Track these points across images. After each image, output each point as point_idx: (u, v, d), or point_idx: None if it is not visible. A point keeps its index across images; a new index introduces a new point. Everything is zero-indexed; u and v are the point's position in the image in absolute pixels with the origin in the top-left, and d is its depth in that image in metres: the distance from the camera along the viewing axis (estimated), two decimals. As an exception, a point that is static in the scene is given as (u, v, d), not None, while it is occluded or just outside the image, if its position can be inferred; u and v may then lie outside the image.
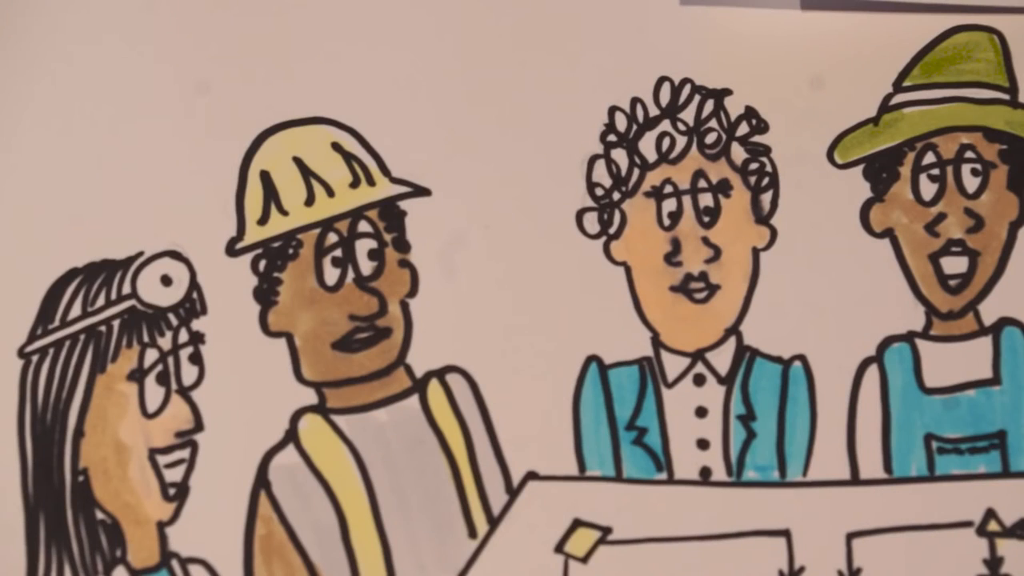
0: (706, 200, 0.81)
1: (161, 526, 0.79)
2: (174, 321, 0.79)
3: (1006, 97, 0.81)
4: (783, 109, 0.81)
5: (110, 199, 0.81)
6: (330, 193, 0.80)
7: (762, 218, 0.81)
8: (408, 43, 0.81)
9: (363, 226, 0.80)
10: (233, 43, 0.81)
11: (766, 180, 0.81)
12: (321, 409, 0.80)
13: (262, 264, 0.80)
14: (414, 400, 0.80)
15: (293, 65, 0.81)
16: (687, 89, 0.81)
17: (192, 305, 0.80)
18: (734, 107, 0.81)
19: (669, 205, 0.81)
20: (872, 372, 0.81)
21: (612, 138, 0.81)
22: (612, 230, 0.81)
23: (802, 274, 0.81)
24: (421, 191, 0.81)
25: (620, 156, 0.81)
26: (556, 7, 0.81)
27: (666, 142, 0.81)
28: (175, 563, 0.79)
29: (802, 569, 0.80)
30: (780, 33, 0.81)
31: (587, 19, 0.81)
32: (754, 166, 0.81)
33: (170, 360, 0.79)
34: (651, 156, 0.81)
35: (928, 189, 0.81)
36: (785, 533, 0.80)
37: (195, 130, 0.81)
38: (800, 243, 0.81)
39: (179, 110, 0.81)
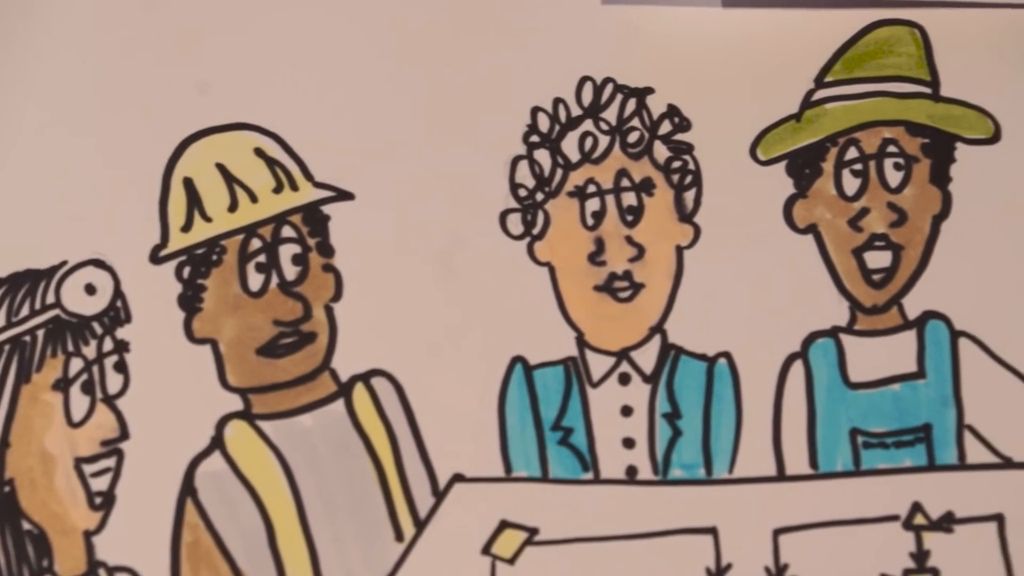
0: (629, 199, 0.81)
1: (88, 535, 0.79)
2: (98, 330, 0.79)
3: (928, 91, 0.81)
4: (705, 107, 0.81)
5: (32, 209, 0.81)
6: (253, 199, 0.80)
7: (685, 216, 0.81)
8: (329, 48, 0.81)
9: (287, 231, 0.80)
10: (151, 51, 0.81)
11: (689, 178, 0.81)
12: (247, 415, 0.80)
13: (186, 271, 0.80)
14: (339, 404, 0.80)
15: (215, 72, 0.81)
16: (609, 88, 0.81)
17: (116, 313, 0.80)
18: (656, 106, 0.81)
19: (592, 205, 0.81)
20: (797, 368, 0.81)
21: (535, 139, 0.81)
22: (536, 231, 0.80)
23: (726, 271, 0.81)
24: (344, 195, 0.81)
25: (543, 157, 0.81)
26: (477, 9, 0.81)
27: (589, 142, 0.81)
28: (102, 572, 0.78)
29: (729, 566, 0.80)
30: (702, 31, 0.81)
31: (508, 21, 0.81)
32: (677, 164, 0.81)
33: (95, 369, 0.79)
34: (574, 156, 0.81)
35: (851, 184, 0.81)
36: (712, 531, 0.80)
37: (117, 137, 0.81)
38: (724, 240, 0.81)
39: (101, 118, 0.81)
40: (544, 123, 0.80)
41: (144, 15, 0.82)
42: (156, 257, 0.80)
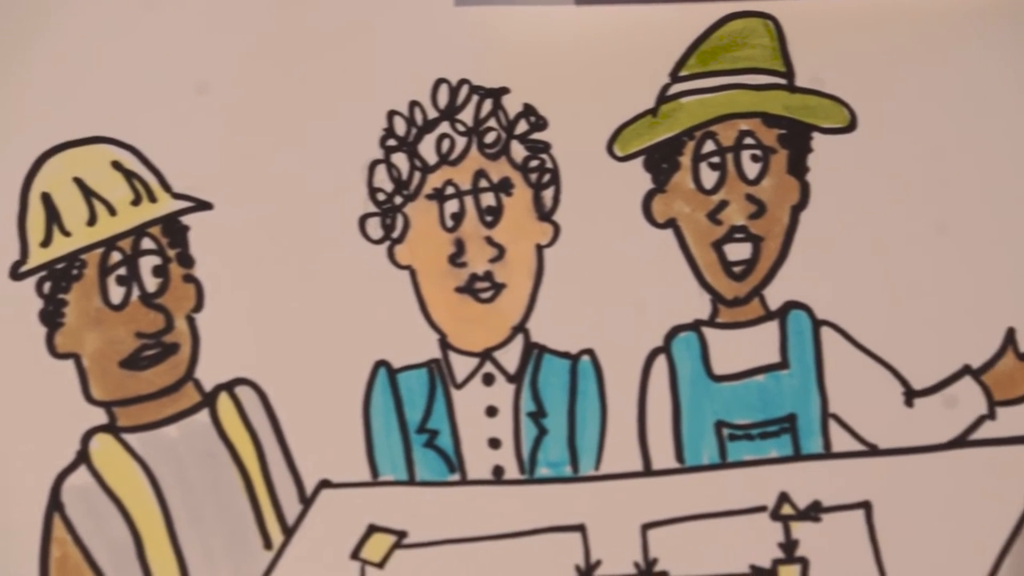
0: (488, 199, 0.81)
1: (-45, 553, 0.79)
2: (-39, 347, 0.79)
3: (783, 82, 0.81)
4: (561, 105, 0.81)
5: None
6: (112, 212, 0.80)
7: (545, 215, 0.81)
8: (183, 56, 0.80)
9: (146, 243, 0.80)
10: (13, 66, 0.81)
11: (547, 177, 0.81)
12: (112, 428, 0.79)
13: (47, 286, 0.79)
14: (204, 415, 0.80)
15: (71, 85, 0.81)
16: (465, 90, 0.80)
17: (-22, 330, 0.80)
18: (512, 105, 0.80)
19: (451, 206, 0.81)
20: (660, 363, 0.81)
21: (392, 142, 0.80)
22: (395, 234, 0.80)
23: (587, 269, 0.81)
24: (203, 205, 0.80)
25: (400, 160, 0.81)
26: (331, 13, 0.80)
27: (446, 144, 0.81)
28: (-30, 590, 0.79)
29: (598, 563, 0.80)
30: (556, 29, 0.81)
31: (361, 25, 0.80)
32: (534, 163, 0.81)
33: (-42, 387, 0.79)
34: (431, 158, 0.81)
35: (709, 177, 0.81)
36: (580, 528, 0.80)
37: (-26, 154, 0.81)
38: (584, 238, 0.81)
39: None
40: (400, 126, 0.80)
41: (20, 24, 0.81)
42: (16, 273, 0.80)
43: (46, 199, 0.80)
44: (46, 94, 0.81)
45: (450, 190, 0.81)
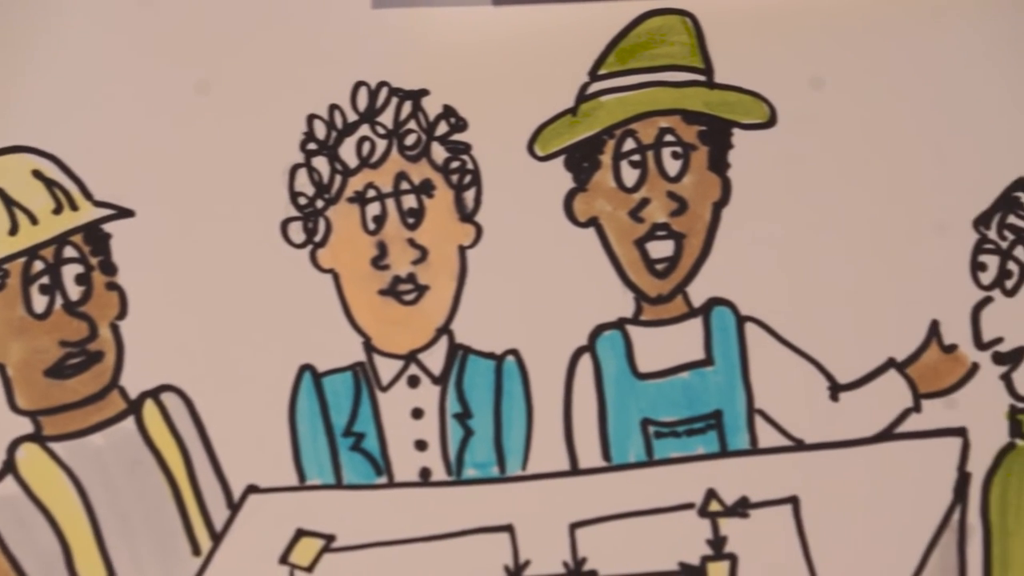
0: (410, 201, 0.81)
1: None
2: None
3: (702, 79, 0.81)
4: (481, 106, 0.80)
5: None
6: (33, 221, 0.80)
7: (466, 216, 0.81)
8: (101, 64, 0.80)
9: (69, 251, 0.80)
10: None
11: (468, 178, 0.81)
12: (38, 437, 0.79)
13: (-30, 297, 0.80)
14: (130, 422, 0.80)
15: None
16: (384, 92, 0.80)
17: (-99, 343, 0.80)
18: (432, 107, 0.80)
19: (373, 209, 0.81)
20: (585, 361, 0.81)
21: (312, 146, 0.80)
22: (318, 238, 0.80)
23: (510, 269, 0.81)
24: (125, 212, 0.80)
25: (321, 164, 0.80)
26: (247, 18, 0.80)
27: (366, 147, 0.81)
28: (-102, 602, 0.79)
29: (527, 563, 0.80)
30: (474, 30, 0.81)
31: (279, 28, 0.80)
32: (455, 165, 0.81)
33: None
34: (352, 161, 0.80)
35: (630, 175, 0.81)
36: (508, 528, 0.80)
37: None
38: (506, 238, 0.81)
39: None
40: (320, 130, 0.80)
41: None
42: (-60, 284, 0.80)
43: (-32, 210, 0.81)
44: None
45: (371, 193, 0.81)
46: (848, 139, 0.81)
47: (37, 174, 0.81)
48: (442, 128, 0.81)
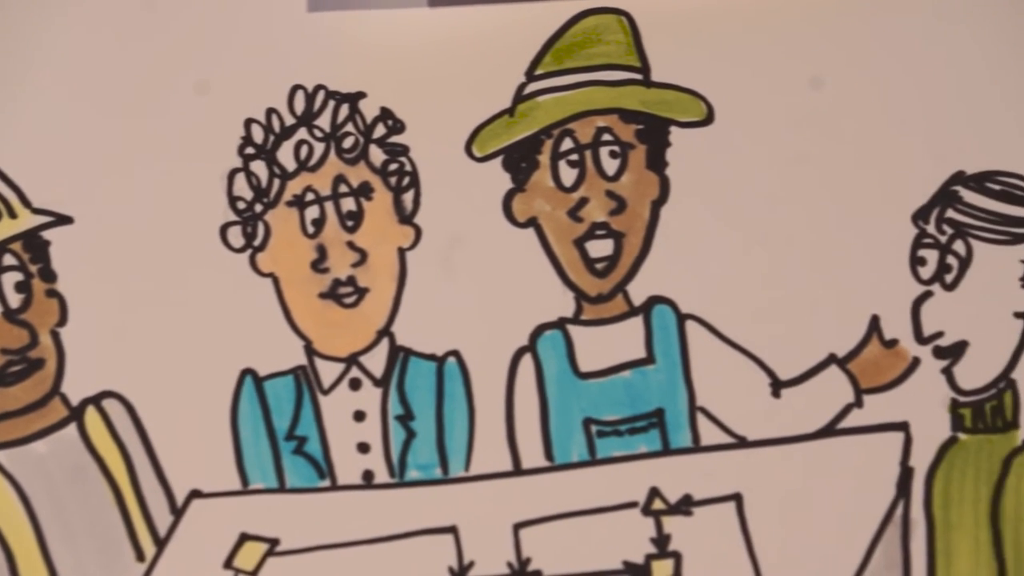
0: (348, 204, 0.81)
1: None
2: None
3: (639, 77, 0.81)
4: (418, 107, 0.80)
5: None
6: (-29, 229, 0.80)
7: (405, 217, 0.81)
8: (40, 70, 0.80)
9: (8, 259, 0.80)
10: None
11: (406, 180, 0.81)
12: (-20, 446, 0.81)
13: (-90, 305, 0.80)
14: (72, 429, 0.80)
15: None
16: (321, 96, 0.80)
17: None
18: (369, 110, 0.80)
19: (312, 212, 0.81)
20: (526, 362, 0.81)
21: (250, 150, 0.80)
22: (257, 242, 0.80)
23: (449, 270, 0.81)
24: (63, 219, 0.80)
25: (259, 168, 0.80)
26: (184, 22, 0.80)
27: (304, 150, 0.80)
28: None
29: (471, 564, 0.80)
30: (410, 32, 0.81)
31: (215, 32, 0.80)
32: (393, 167, 0.81)
33: None
34: (290, 165, 0.80)
35: (568, 175, 0.81)
36: (452, 529, 0.80)
37: None
38: (445, 239, 0.81)
39: None
40: (258, 134, 0.80)
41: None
42: None
43: (-95, 222, 0.81)
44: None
45: (310, 196, 0.81)
46: (785, 135, 0.81)
47: (-25, 183, 0.81)
48: (380, 130, 0.81)
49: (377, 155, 0.81)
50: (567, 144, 0.81)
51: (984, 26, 0.81)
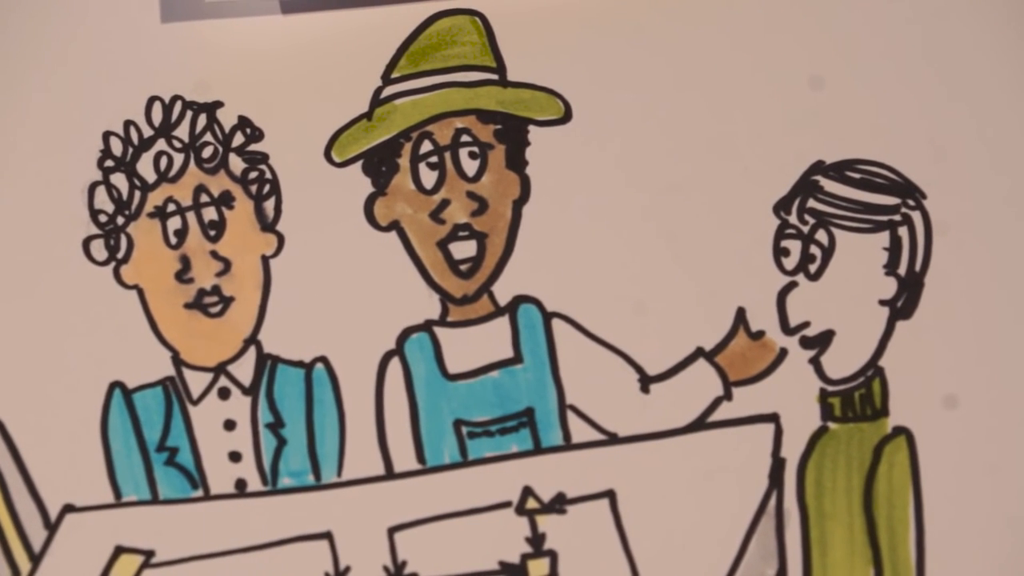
0: (210, 214, 0.81)
1: None
2: None
3: (495, 77, 0.80)
4: (276, 114, 0.80)
5: None
6: None
7: (267, 225, 0.81)
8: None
9: None
10: None
11: (267, 187, 0.81)
12: None
13: None
14: (-57, 448, 0.81)
15: None
16: (178, 106, 0.80)
17: None
18: (227, 118, 0.80)
19: (174, 223, 0.81)
20: (394, 365, 0.81)
21: (109, 163, 0.80)
22: (120, 255, 0.80)
23: (313, 276, 0.80)
24: (-74, 239, 0.81)
25: (120, 180, 0.81)
26: (38, 36, 0.80)
27: (163, 161, 0.81)
28: None
29: (348, 569, 0.80)
30: (265, 39, 0.80)
31: (70, 46, 0.80)
32: (253, 175, 0.81)
33: None
34: (150, 177, 0.81)
35: (428, 177, 0.81)
36: (327, 535, 0.81)
37: None
38: (308, 246, 0.80)
39: None
40: (117, 147, 0.80)
41: None
42: None
43: None
44: None
45: (171, 207, 0.81)
46: (645, 131, 0.80)
47: None
48: (238, 139, 0.81)
49: (237, 164, 0.81)
50: (426, 146, 0.81)
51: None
